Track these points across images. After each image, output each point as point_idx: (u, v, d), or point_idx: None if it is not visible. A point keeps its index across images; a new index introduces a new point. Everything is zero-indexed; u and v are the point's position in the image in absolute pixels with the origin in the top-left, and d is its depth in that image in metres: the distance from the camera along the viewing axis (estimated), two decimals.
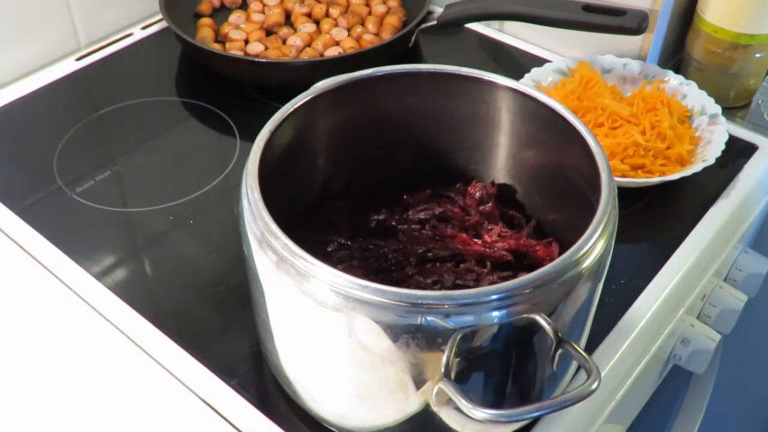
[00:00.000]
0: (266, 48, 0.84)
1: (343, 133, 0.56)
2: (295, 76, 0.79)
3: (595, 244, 0.43)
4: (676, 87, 0.75)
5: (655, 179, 0.66)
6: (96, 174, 0.72)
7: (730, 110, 0.80)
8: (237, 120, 0.78)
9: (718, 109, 0.72)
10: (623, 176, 0.67)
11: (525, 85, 0.53)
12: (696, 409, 0.86)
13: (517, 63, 0.87)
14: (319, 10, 0.90)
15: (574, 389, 0.41)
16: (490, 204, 0.58)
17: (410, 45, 0.86)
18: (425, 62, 0.87)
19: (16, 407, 0.54)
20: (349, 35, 0.87)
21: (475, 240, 0.56)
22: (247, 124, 0.76)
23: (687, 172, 0.66)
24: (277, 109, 0.50)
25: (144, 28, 0.91)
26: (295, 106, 0.51)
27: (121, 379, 0.55)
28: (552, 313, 0.42)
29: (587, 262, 0.43)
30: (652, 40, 0.80)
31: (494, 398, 0.46)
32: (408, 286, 0.50)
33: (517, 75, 0.75)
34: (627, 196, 0.62)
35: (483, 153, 0.59)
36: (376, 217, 0.58)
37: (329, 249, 0.56)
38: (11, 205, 0.67)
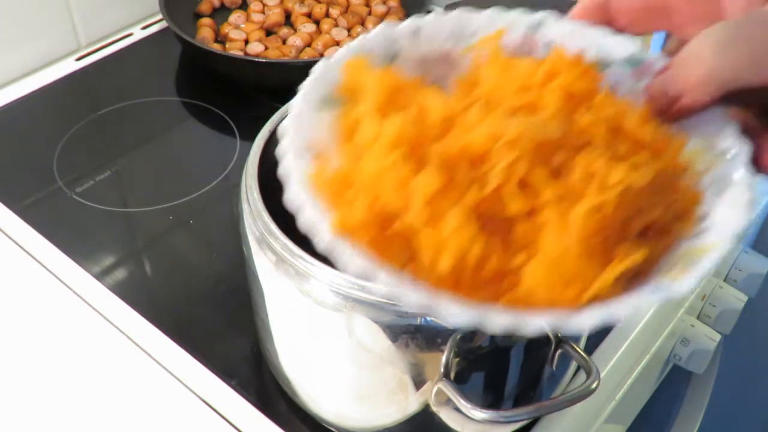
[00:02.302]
0: (266, 48, 0.84)
1: None
2: (295, 76, 0.78)
3: None
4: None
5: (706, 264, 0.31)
6: (96, 174, 0.71)
7: None
8: (237, 120, 0.78)
9: None
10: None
11: None
12: (696, 409, 0.86)
13: None
14: (319, 10, 0.90)
15: (573, 389, 0.41)
16: None
17: None
18: None
19: (16, 407, 0.54)
20: (349, 35, 0.87)
21: None
22: (247, 124, 0.76)
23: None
24: (277, 109, 0.50)
25: (144, 28, 0.91)
26: None
27: (121, 379, 0.55)
28: None
29: None
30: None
31: (493, 398, 0.46)
32: None
33: None
34: None
35: None
36: None
37: None
38: (11, 205, 0.67)
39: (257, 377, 0.55)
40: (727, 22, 0.31)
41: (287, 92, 0.52)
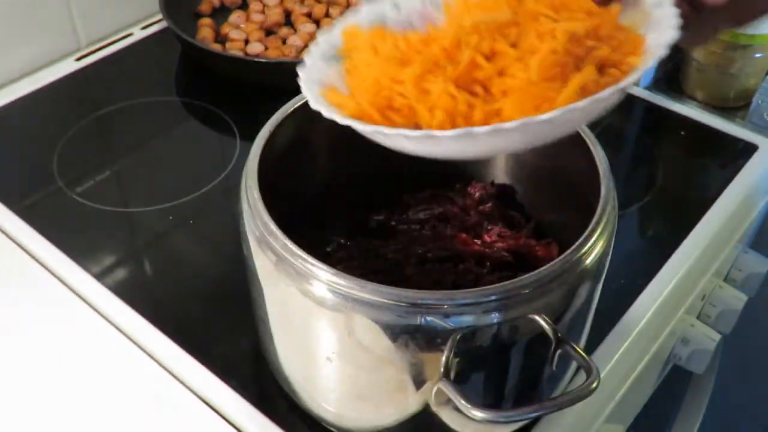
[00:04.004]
0: (266, 48, 0.84)
1: (342, 133, 0.56)
2: (295, 76, 0.78)
3: (594, 244, 0.43)
4: None
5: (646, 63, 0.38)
6: (96, 174, 0.71)
7: (730, 110, 0.80)
8: (237, 120, 0.78)
9: None
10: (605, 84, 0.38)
11: None
12: (696, 409, 0.86)
13: None
14: (319, 10, 0.90)
15: (573, 389, 0.41)
16: (489, 204, 0.58)
17: None
18: None
19: (16, 407, 0.54)
20: None
21: (475, 240, 0.56)
22: (247, 124, 0.76)
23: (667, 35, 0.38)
24: (277, 109, 0.50)
25: (144, 28, 0.91)
26: (295, 106, 0.51)
27: (121, 379, 0.55)
28: (551, 313, 0.42)
29: (587, 262, 0.43)
30: None
31: (494, 398, 0.46)
32: (407, 287, 0.50)
33: None
34: (629, 189, 0.61)
35: None
36: (376, 217, 0.58)
37: (329, 249, 0.56)
38: (11, 205, 0.67)
39: (257, 377, 0.55)
40: None
41: (287, 92, 0.52)
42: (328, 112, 0.38)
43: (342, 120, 0.38)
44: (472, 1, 0.42)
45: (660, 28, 0.39)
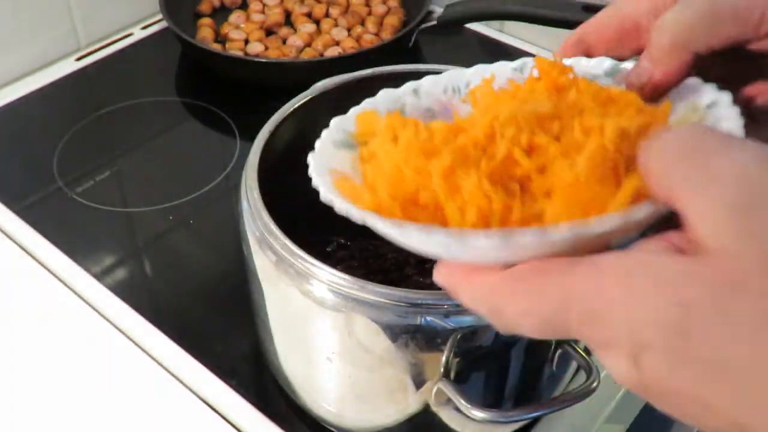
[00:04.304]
0: (266, 48, 0.84)
1: None
2: (295, 76, 0.79)
3: None
4: None
5: None
6: (96, 174, 0.71)
7: None
8: (237, 120, 0.78)
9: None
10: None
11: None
12: None
13: None
14: (319, 10, 0.90)
15: (573, 389, 0.41)
16: None
17: (410, 45, 0.86)
18: (425, 62, 0.87)
19: (16, 407, 0.54)
20: (349, 35, 0.87)
21: None
22: (247, 124, 0.76)
23: None
24: (277, 109, 0.50)
25: (144, 28, 0.91)
26: (295, 106, 0.51)
27: (122, 379, 0.55)
28: None
29: None
30: None
31: (494, 398, 0.46)
32: (407, 287, 0.50)
33: None
34: None
35: None
36: None
37: (329, 249, 0.56)
38: (11, 205, 0.67)
39: (257, 377, 0.55)
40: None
41: (287, 92, 0.52)
42: (341, 205, 0.34)
43: (359, 215, 0.33)
44: (503, 93, 0.38)
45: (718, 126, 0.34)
